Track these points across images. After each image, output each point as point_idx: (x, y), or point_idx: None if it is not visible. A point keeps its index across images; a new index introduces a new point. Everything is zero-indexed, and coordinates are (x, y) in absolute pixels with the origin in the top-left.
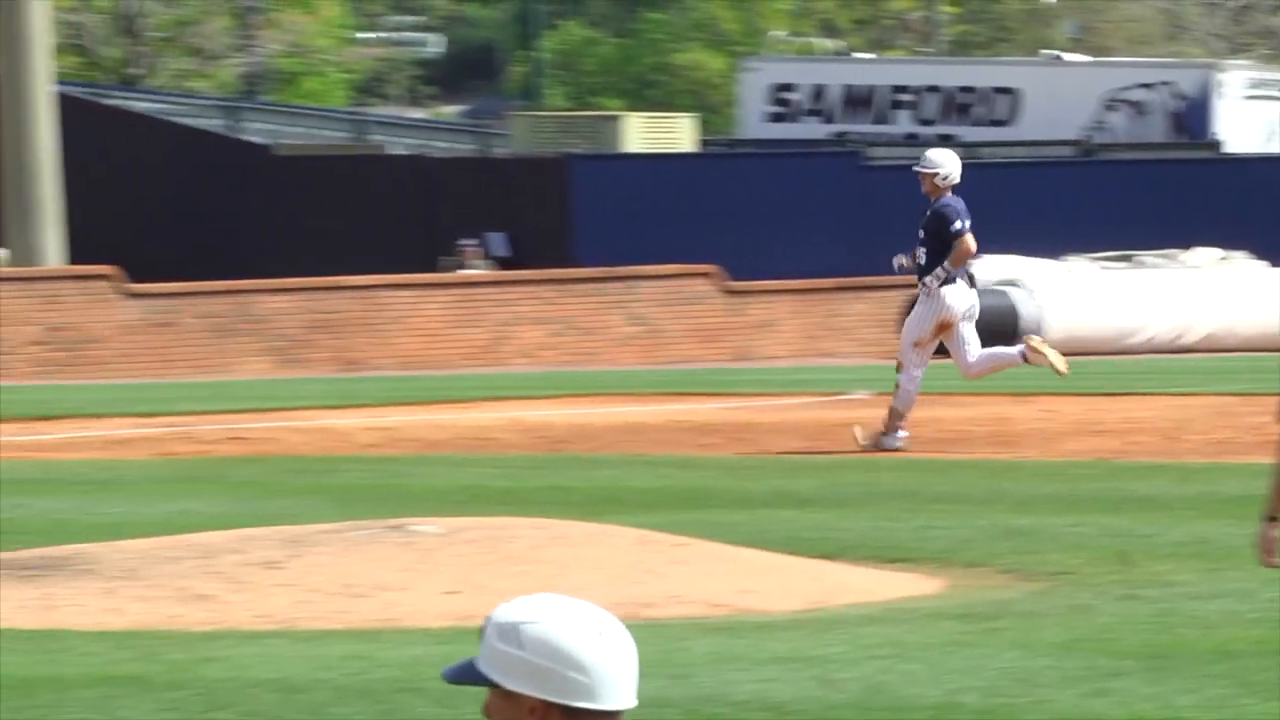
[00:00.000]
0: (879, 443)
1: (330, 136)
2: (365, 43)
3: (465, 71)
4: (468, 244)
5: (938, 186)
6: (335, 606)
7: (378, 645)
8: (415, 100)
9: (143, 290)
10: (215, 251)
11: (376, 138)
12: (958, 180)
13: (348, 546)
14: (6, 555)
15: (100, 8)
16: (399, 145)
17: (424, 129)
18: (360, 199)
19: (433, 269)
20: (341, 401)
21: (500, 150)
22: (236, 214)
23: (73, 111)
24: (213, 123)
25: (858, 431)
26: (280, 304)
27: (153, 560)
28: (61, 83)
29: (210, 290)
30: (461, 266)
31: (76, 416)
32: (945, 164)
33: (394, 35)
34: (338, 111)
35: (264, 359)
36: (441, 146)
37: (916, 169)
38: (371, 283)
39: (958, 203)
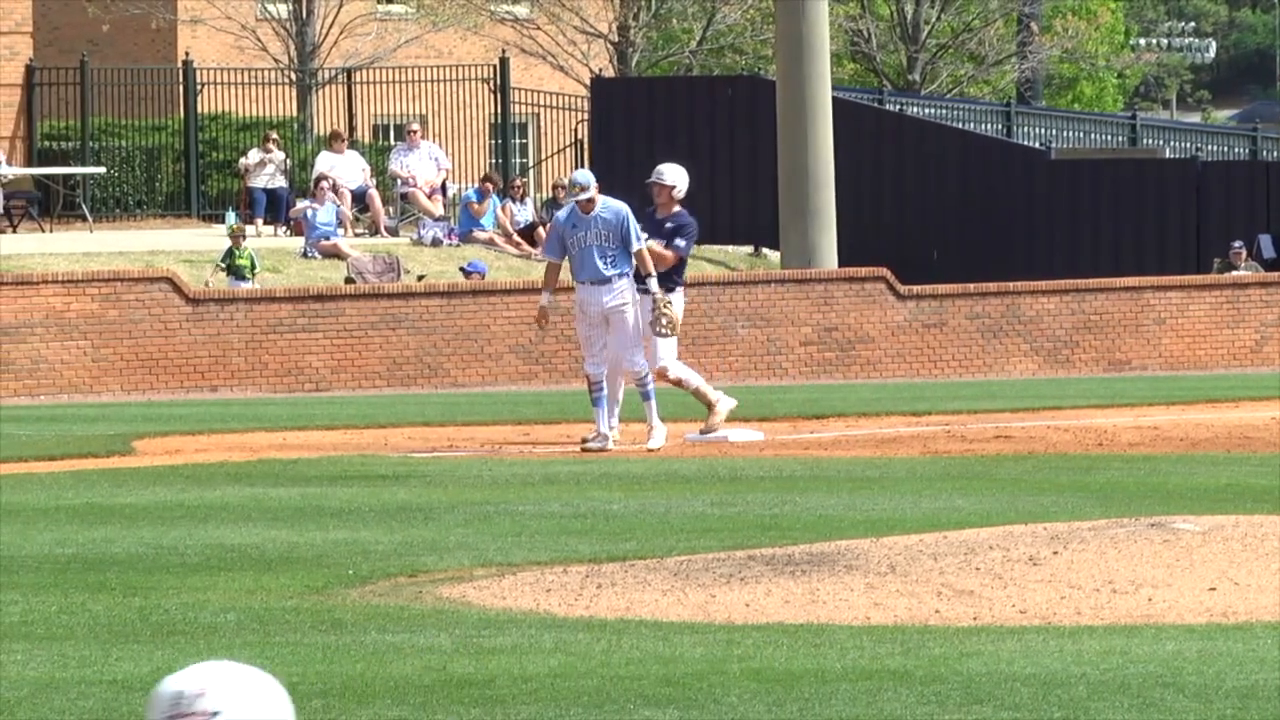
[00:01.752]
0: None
1: (1104, 140)
2: (1140, 49)
3: (1238, 76)
4: (1238, 246)
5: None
6: (1095, 602)
7: (1135, 641)
8: (1188, 105)
9: (914, 291)
10: (984, 253)
11: (1149, 142)
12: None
13: (1109, 543)
14: (775, 551)
15: (881, 15)
16: (1170, 149)
17: (1196, 133)
18: (1132, 202)
19: (1198, 271)
20: (1106, 401)
21: (1272, 154)
22: (1010, 216)
23: (849, 116)
24: (989, 127)
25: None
26: (1049, 305)
27: (916, 556)
28: (839, 88)
29: (981, 292)
30: (1231, 268)
31: (846, 415)
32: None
33: (1169, 41)
34: (1112, 116)
35: (1031, 359)
36: (1213, 150)
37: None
38: (1139, 284)
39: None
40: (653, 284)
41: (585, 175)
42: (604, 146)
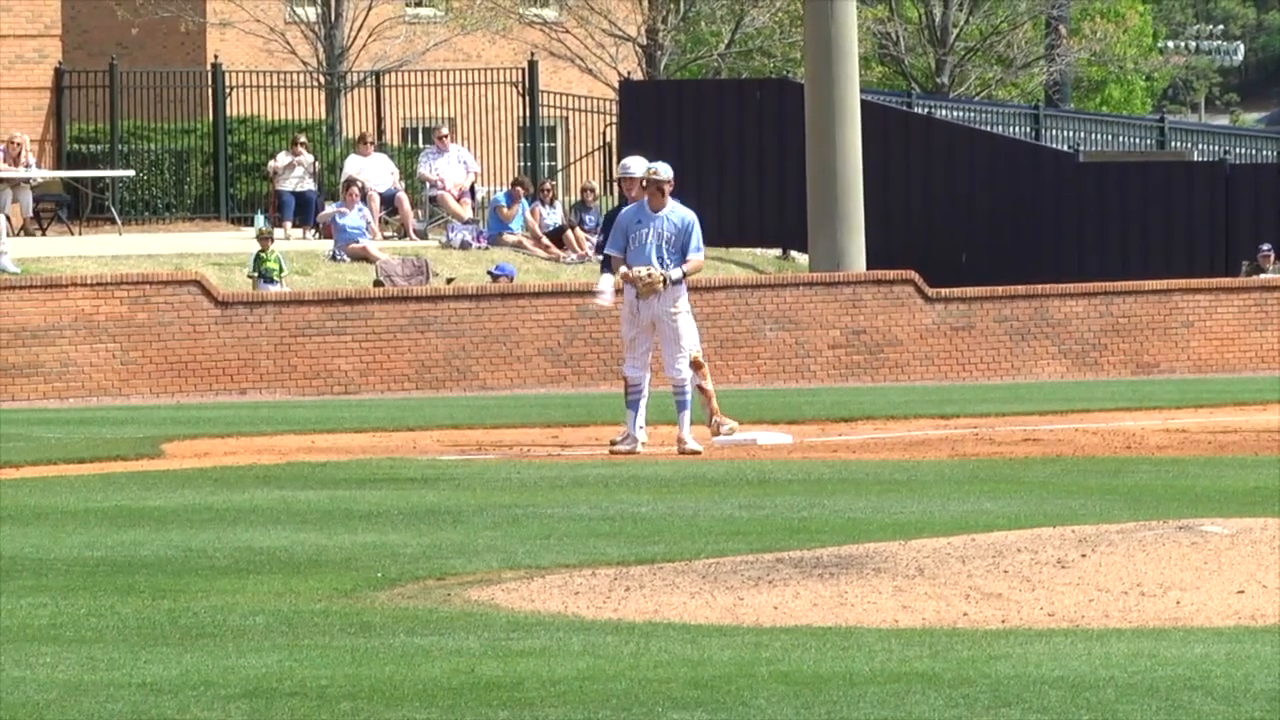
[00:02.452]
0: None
1: (1132, 143)
2: (1168, 51)
3: (1267, 79)
4: (1266, 249)
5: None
6: (1123, 605)
7: (1164, 644)
8: (1217, 107)
9: (943, 294)
10: (1012, 256)
11: (1178, 144)
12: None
13: (1137, 546)
14: (803, 554)
15: (910, 18)
16: (1199, 152)
17: (1225, 135)
18: (1160, 205)
19: (1227, 273)
20: (1135, 404)
21: None
22: (1038, 219)
23: (877, 119)
24: (1017, 130)
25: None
26: (1077, 307)
27: (944, 559)
28: (868, 91)
29: (1009, 294)
30: (1260, 271)
31: (875, 418)
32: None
33: (1197, 44)
34: (1140, 119)
35: (1060, 361)
36: (1241, 153)
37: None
38: (1168, 287)
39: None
40: (678, 273)
41: (666, 167)
42: (632, 149)
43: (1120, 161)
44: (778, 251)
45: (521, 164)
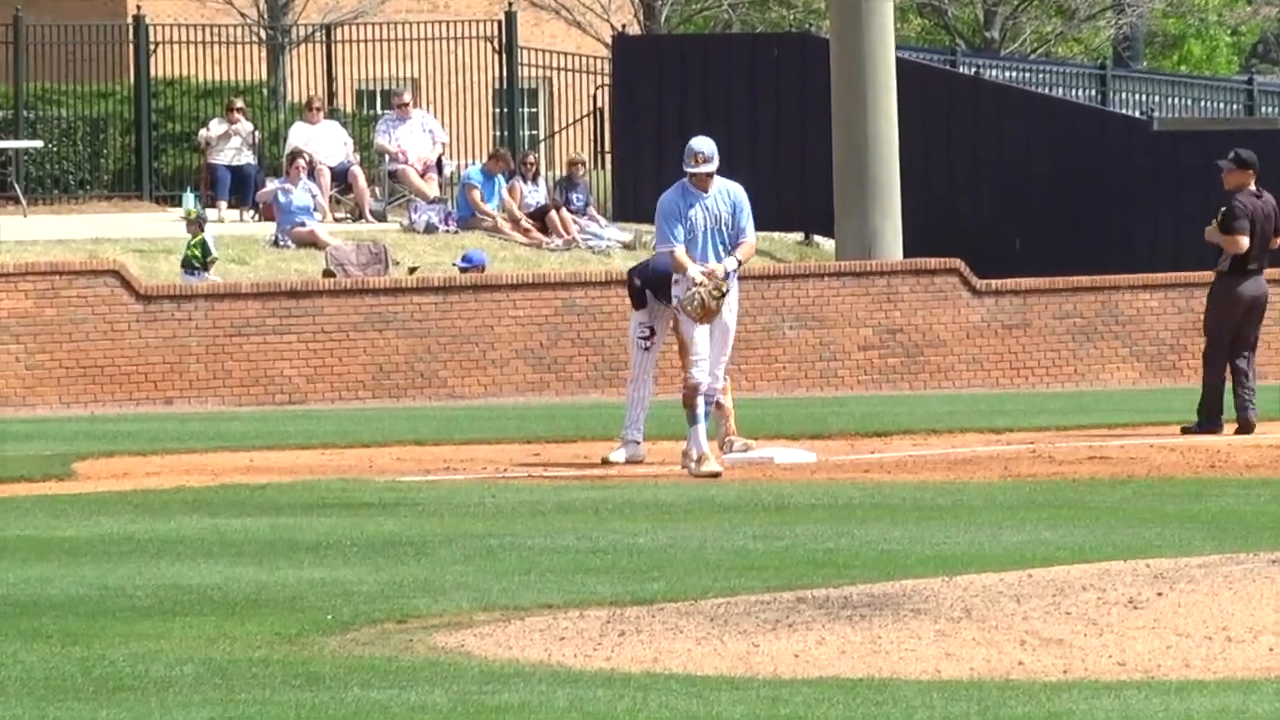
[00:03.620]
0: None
1: (1215, 109)
2: (1258, 2)
3: None
4: None
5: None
6: (1206, 652)
7: (1254, 697)
8: None
9: (993, 287)
10: (1075, 241)
11: (1268, 110)
12: None
13: (1223, 583)
14: (829, 592)
15: None
16: None
17: None
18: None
19: None
20: None
21: None
22: (1106, 198)
23: (916, 80)
24: (1080, 93)
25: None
26: (1152, 302)
27: (996, 598)
28: (904, 47)
29: (1072, 287)
30: None
31: (913, 432)
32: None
33: None
34: (1225, 80)
35: (1132, 366)
36: None
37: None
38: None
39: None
40: (733, 261)
41: (708, 143)
42: (627, 116)
43: (1202, 130)
44: (799, 236)
45: (498, 133)
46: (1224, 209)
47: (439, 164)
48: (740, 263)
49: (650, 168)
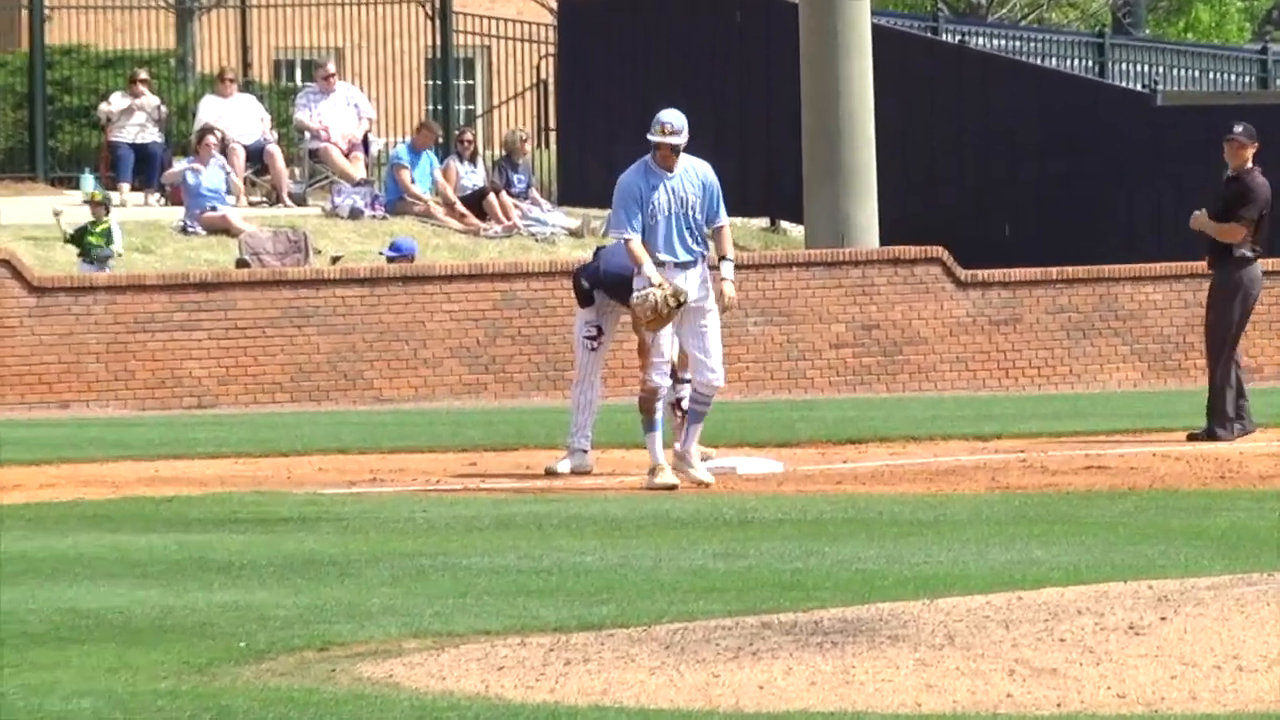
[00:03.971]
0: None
1: (1226, 81)
2: None
3: None
4: None
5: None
6: (1215, 683)
7: None
8: None
9: (980, 278)
10: (1070, 228)
11: None
12: None
13: (1234, 606)
14: (797, 617)
15: None
16: None
17: None
18: (1261, 161)
19: None
20: None
21: None
22: (1104, 179)
23: (894, 49)
24: (1076, 64)
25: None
26: (1155, 295)
27: (982, 624)
28: (882, 13)
29: (1067, 278)
30: None
31: (891, 439)
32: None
33: None
34: (1236, 50)
35: (1133, 365)
36: None
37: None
38: (1274, 267)
39: None
40: (729, 268)
41: (678, 115)
42: (574, 89)
43: (1210, 105)
44: (764, 222)
45: (431, 108)
46: (1235, 191)
47: (365, 142)
48: (727, 256)
49: (600, 146)
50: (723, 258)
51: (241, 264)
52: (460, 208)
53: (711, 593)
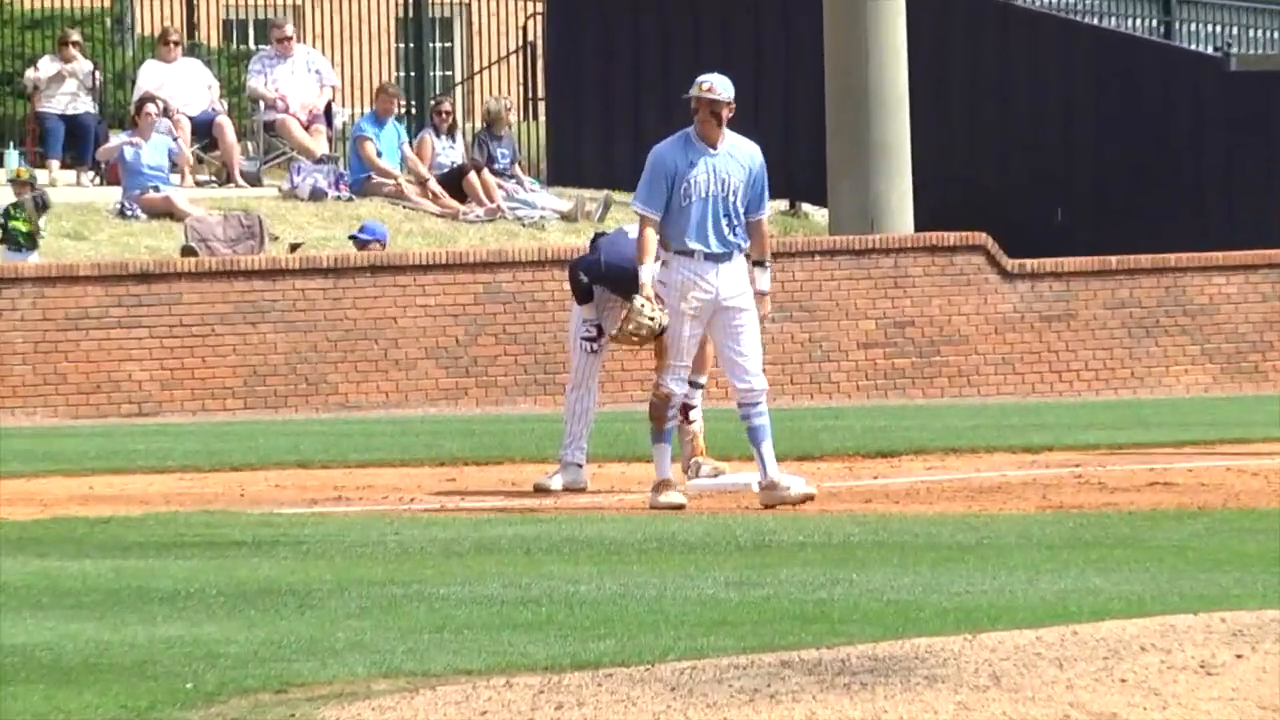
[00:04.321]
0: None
1: None
2: None
3: None
4: None
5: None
6: None
7: None
8: None
9: (1029, 268)
10: (1132, 210)
11: None
12: None
13: None
14: (821, 654)
15: None
16: None
17: None
18: None
19: None
20: None
21: None
22: (1172, 156)
23: (932, 8)
24: (1141, 24)
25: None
26: (1229, 287)
27: (1032, 662)
28: None
29: (1127, 268)
30: None
31: (927, 451)
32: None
33: None
34: None
35: (1204, 368)
36: None
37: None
38: None
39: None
40: (766, 279)
41: (723, 78)
42: (566, 54)
43: None
44: (783, 205)
45: (402, 74)
46: None
47: (328, 113)
48: (764, 259)
49: (595, 119)
50: (758, 262)
51: (187, 252)
52: (436, 188)
53: (723, 626)
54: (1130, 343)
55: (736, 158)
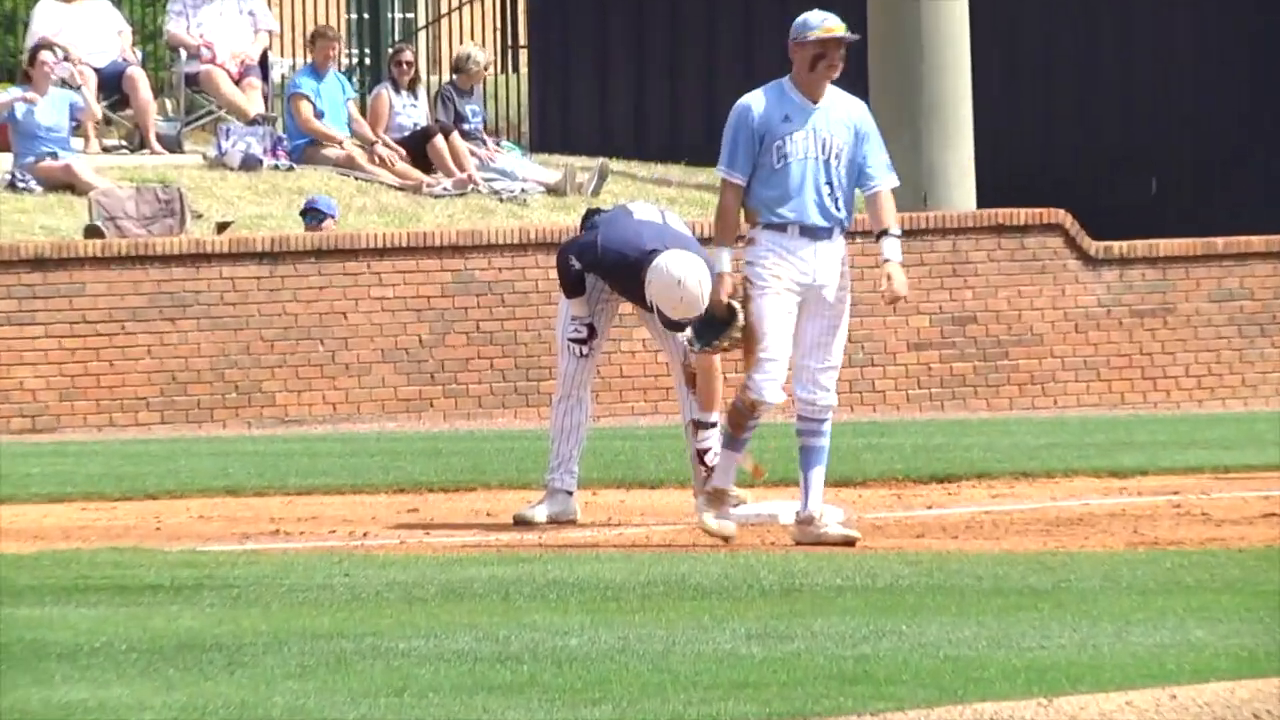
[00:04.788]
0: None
1: None
2: None
3: None
4: None
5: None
6: None
7: None
8: None
9: (1116, 252)
10: (1248, 183)
11: None
12: None
13: None
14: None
15: None
16: None
17: None
18: None
19: None
20: None
21: None
22: (1272, 120)
23: None
24: None
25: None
26: None
27: None
28: None
29: (1239, 252)
30: None
31: (993, 475)
32: None
33: None
34: None
35: None
36: None
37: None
38: None
39: None
40: (896, 246)
41: (831, 16)
42: None
43: None
44: None
45: (352, 17)
46: None
47: (264, 64)
48: (888, 229)
49: (587, 70)
50: (883, 232)
51: (93, 232)
52: (391, 153)
53: (745, 689)
54: (1241, 343)
55: (839, 116)
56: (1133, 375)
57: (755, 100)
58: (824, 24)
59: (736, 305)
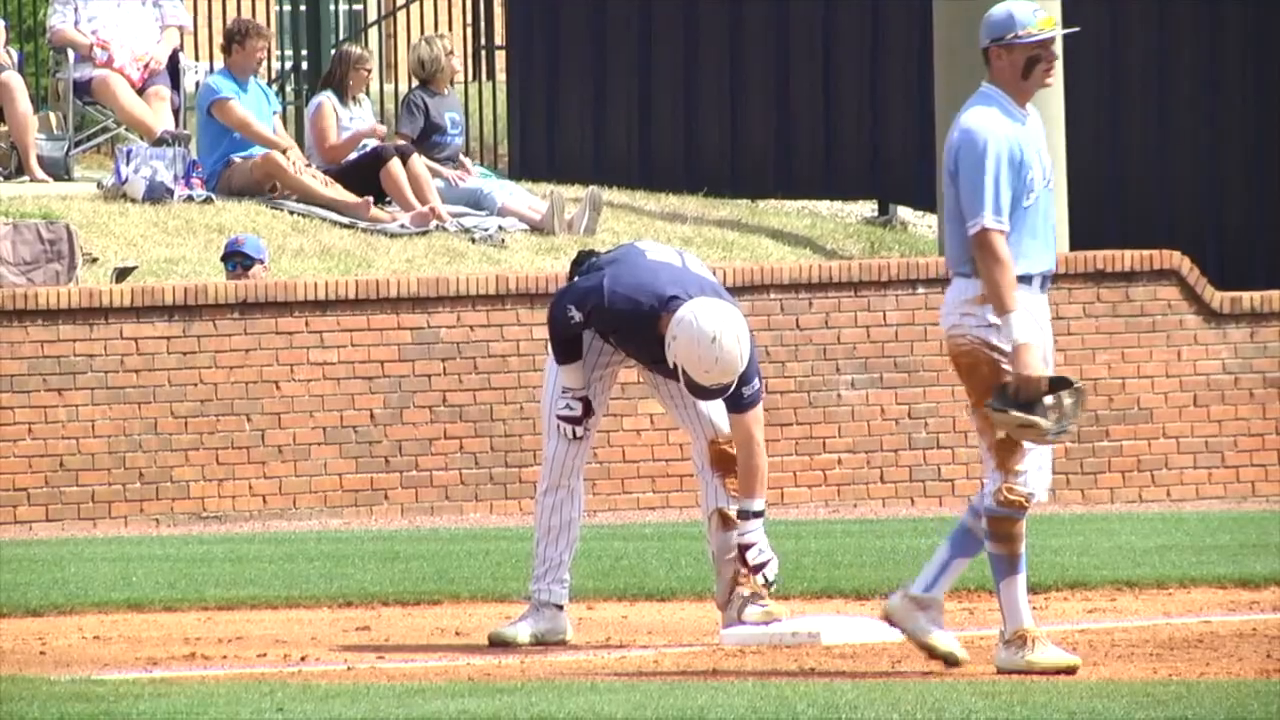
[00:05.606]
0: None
1: None
2: None
3: None
4: None
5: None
6: None
7: None
8: None
9: (1247, 304)
10: None
11: None
12: None
13: None
14: None
15: None
16: None
17: None
18: None
19: None
20: None
21: None
22: None
23: None
24: None
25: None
26: None
27: None
28: None
29: None
30: None
31: (1091, 586)
32: None
33: None
34: None
35: None
36: None
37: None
38: None
39: None
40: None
41: (1039, 7)
42: None
43: None
44: (868, 208)
45: (285, 9)
46: None
47: (174, 69)
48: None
49: (580, 81)
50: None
51: None
52: (326, 183)
53: None
54: None
55: (1040, 130)
56: (1266, 460)
57: (996, 120)
58: (1038, 17)
59: (1056, 375)
